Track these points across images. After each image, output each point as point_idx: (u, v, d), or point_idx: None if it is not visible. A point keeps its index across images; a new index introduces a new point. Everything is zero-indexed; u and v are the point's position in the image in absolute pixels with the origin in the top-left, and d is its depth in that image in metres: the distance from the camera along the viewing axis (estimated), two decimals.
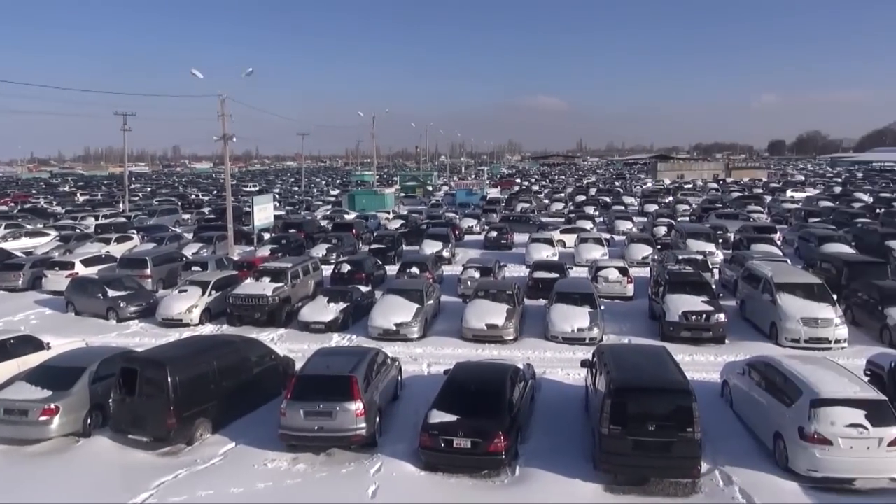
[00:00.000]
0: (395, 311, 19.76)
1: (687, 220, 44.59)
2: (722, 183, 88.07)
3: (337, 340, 19.67)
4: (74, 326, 21.11)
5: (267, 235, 37.00)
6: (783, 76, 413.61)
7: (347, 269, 25.44)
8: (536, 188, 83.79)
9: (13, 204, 64.59)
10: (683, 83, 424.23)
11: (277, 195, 66.05)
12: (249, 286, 21.75)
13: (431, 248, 31.25)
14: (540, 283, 23.88)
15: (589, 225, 40.54)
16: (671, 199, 61.05)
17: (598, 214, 48.42)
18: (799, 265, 25.91)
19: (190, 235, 39.04)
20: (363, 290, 22.72)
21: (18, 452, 12.48)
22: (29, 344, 15.75)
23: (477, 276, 24.45)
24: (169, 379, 12.29)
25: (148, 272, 25.89)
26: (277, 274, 22.29)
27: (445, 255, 31.47)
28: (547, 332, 19.26)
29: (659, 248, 31.11)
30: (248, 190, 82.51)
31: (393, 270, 27.32)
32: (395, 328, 19.42)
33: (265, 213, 36.87)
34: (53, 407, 12.59)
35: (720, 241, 32.36)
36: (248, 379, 14.22)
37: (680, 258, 25.23)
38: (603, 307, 20.39)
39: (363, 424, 12.03)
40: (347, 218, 45.95)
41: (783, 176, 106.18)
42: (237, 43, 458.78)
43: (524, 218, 45.38)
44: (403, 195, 72.23)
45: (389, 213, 51.38)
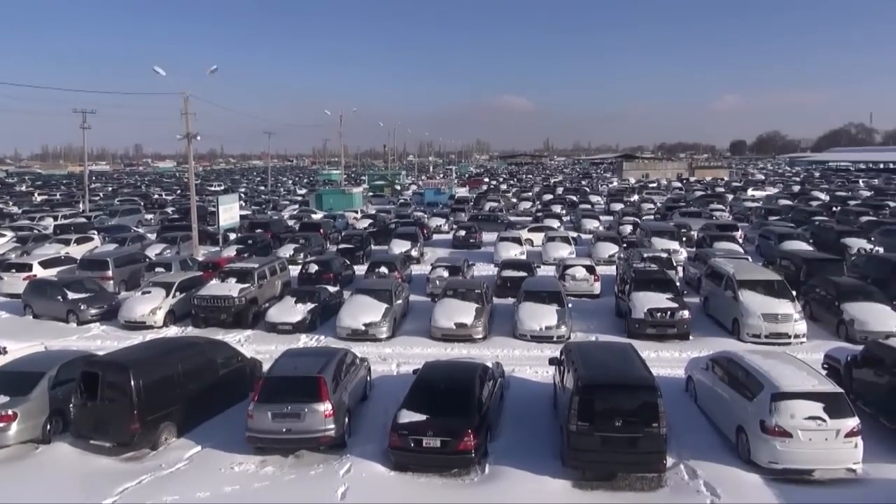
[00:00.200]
0: (363, 311, 19.69)
1: (652, 218, 45.24)
2: (685, 182, 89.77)
3: (305, 341, 19.51)
4: (33, 330, 20.54)
5: (233, 235, 36.49)
6: (744, 77, 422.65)
7: (315, 269, 25.29)
8: (504, 187, 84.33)
9: None
10: (648, 84, 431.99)
11: (243, 195, 65.21)
12: (215, 287, 21.45)
13: (400, 247, 31.24)
14: (508, 281, 24.04)
15: (556, 224, 40.83)
16: (636, 198, 61.96)
17: (565, 213, 48.86)
18: (760, 262, 26.51)
19: (153, 236, 38.28)
20: (331, 290, 22.58)
21: None
22: None
23: (446, 275, 24.53)
24: (132, 382, 12.03)
25: (109, 274, 25.37)
26: (244, 274, 22.03)
27: (414, 254, 31.52)
28: (515, 330, 19.40)
29: (625, 246, 31.59)
30: (213, 189, 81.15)
31: (361, 270, 27.16)
32: (363, 328, 19.34)
33: (231, 212, 36.47)
34: (11, 413, 12.29)
35: (684, 239, 33.06)
36: (214, 381, 14.01)
37: (645, 256, 25.72)
38: (570, 305, 20.58)
39: (332, 425, 11.96)
40: (315, 217, 45.57)
41: (744, 175, 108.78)
42: (201, 41, 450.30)
43: (492, 217, 45.62)
44: (371, 194, 71.97)
45: (357, 212, 51.13)
